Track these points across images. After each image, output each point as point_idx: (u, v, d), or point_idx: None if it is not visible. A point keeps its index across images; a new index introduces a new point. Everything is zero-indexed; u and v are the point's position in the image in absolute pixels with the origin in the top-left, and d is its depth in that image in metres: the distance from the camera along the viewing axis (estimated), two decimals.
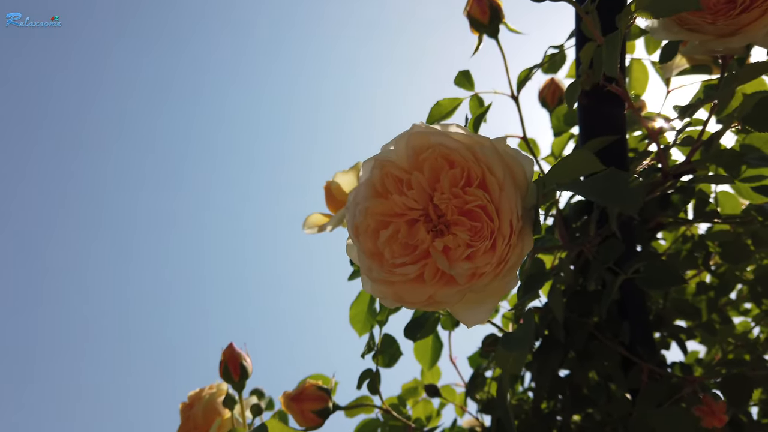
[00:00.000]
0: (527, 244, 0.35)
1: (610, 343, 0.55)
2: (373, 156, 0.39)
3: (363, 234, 0.38)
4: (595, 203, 0.49)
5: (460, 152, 0.36)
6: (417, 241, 0.37)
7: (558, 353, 0.56)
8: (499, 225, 0.34)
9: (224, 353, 0.56)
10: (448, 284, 0.36)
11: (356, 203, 0.39)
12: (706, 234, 0.63)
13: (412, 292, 0.36)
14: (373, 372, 0.59)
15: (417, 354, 0.73)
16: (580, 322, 0.55)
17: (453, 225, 0.36)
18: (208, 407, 0.66)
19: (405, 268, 0.36)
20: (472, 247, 0.35)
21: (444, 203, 0.36)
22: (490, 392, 0.71)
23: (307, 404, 0.51)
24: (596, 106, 0.52)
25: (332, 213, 0.68)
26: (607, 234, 0.51)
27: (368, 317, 0.69)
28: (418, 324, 0.57)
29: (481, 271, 0.35)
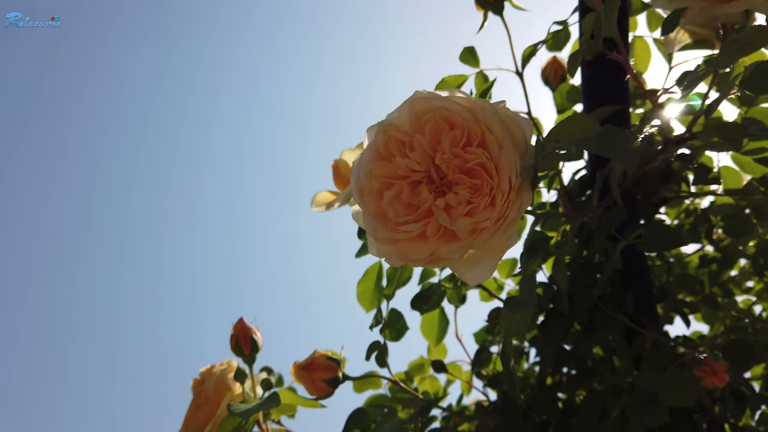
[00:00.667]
0: (526, 200, 0.36)
1: (614, 313, 0.56)
2: (377, 122, 0.40)
3: (368, 196, 0.39)
4: (598, 174, 0.50)
5: (460, 114, 0.37)
6: (419, 200, 0.38)
7: (562, 325, 0.57)
8: (499, 182, 0.35)
9: (235, 327, 0.57)
10: (450, 240, 0.37)
11: (360, 167, 0.40)
12: (709, 208, 0.64)
13: (415, 250, 0.37)
14: (381, 344, 0.60)
15: (423, 331, 0.74)
16: (583, 293, 0.56)
17: (454, 184, 0.37)
18: (219, 383, 0.67)
19: (408, 226, 0.37)
20: (473, 203, 0.36)
21: (445, 163, 0.37)
22: (495, 368, 0.72)
23: (317, 373, 0.53)
24: (598, 77, 0.53)
25: (339, 191, 0.69)
26: (609, 205, 0.51)
27: (375, 294, 0.70)
28: (424, 296, 0.58)
29: (482, 227, 0.36)
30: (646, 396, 0.47)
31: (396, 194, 0.38)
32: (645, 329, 0.53)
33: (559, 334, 0.56)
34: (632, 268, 0.58)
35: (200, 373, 0.69)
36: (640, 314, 0.57)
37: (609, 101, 0.52)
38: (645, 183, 0.61)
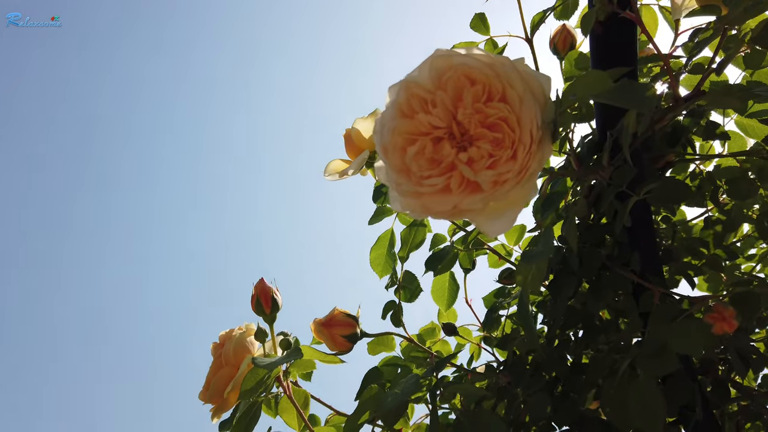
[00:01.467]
0: (546, 152, 0.38)
1: (622, 271, 0.57)
2: (398, 81, 0.42)
3: (391, 151, 0.41)
4: (609, 134, 0.51)
5: (481, 70, 0.38)
6: (442, 155, 0.39)
7: (571, 283, 0.59)
8: (520, 135, 0.37)
9: (256, 287, 0.59)
10: (473, 192, 0.38)
11: (383, 124, 0.41)
12: (714, 171, 0.66)
13: (439, 203, 0.39)
14: (396, 304, 0.62)
15: (434, 295, 0.76)
16: (592, 252, 0.58)
17: (476, 139, 0.38)
18: (239, 345, 0.69)
19: (432, 179, 0.39)
20: (494, 156, 0.37)
21: (467, 118, 0.38)
22: (504, 330, 0.74)
23: (336, 329, 0.54)
24: (608, 41, 0.54)
25: (352, 159, 0.71)
26: (619, 164, 0.53)
27: (388, 260, 0.72)
28: (438, 257, 0.60)
29: (504, 178, 0.37)
30: (656, 346, 0.49)
31: (419, 150, 0.40)
32: (653, 286, 0.55)
33: (569, 292, 0.58)
34: (639, 228, 0.60)
35: (220, 337, 0.71)
36: (647, 273, 0.59)
37: (619, 62, 0.53)
38: (651, 147, 0.63)
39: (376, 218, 0.72)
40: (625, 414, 0.53)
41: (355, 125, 0.68)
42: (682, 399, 0.63)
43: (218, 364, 0.69)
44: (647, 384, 0.49)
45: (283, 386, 0.61)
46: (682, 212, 0.76)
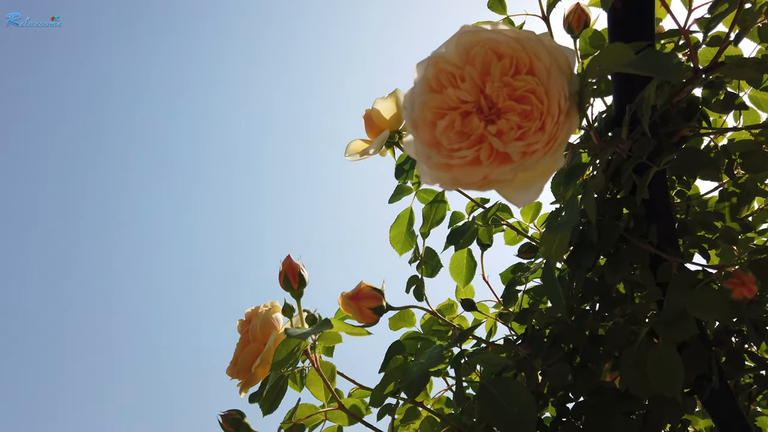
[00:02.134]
0: (573, 123, 0.39)
1: (640, 243, 0.59)
2: (426, 57, 0.43)
3: (421, 126, 0.42)
4: (627, 107, 0.53)
5: (508, 44, 0.39)
6: (471, 129, 0.41)
7: (590, 255, 0.60)
8: (549, 106, 0.38)
9: (283, 264, 0.61)
10: (503, 163, 0.40)
11: (413, 100, 0.43)
12: (728, 144, 0.67)
13: (469, 174, 0.41)
14: (419, 279, 0.64)
15: (452, 272, 0.78)
16: (611, 225, 0.59)
17: (504, 112, 0.40)
18: (265, 321, 0.71)
19: (462, 152, 0.40)
20: (523, 128, 0.39)
21: (495, 92, 0.40)
22: (522, 304, 0.76)
23: (364, 302, 0.56)
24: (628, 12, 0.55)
25: (371, 140, 0.72)
26: (637, 137, 0.54)
27: (407, 237, 0.74)
28: (460, 232, 0.61)
29: (533, 149, 0.39)
30: (675, 313, 0.50)
31: (448, 124, 0.41)
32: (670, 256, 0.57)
33: (588, 264, 0.60)
34: (656, 201, 0.61)
35: (246, 314, 0.73)
36: (665, 245, 0.61)
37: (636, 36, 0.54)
38: (666, 122, 0.64)
39: (396, 197, 0.73)
40: (643, 381, 0.55)
41: (375, 105, 0.70)
42: (697, 368, 0.65)
43: (245, 339, 0.71)
44: (666, 350, 0.51)
45: (310, 359, 0.63)
46: (695, 187, 0.77)
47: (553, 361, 0.63)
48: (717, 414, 0.70)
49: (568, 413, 0.74)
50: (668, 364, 0.50)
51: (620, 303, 0.67)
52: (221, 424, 0.63)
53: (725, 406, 0.69)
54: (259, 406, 0.65)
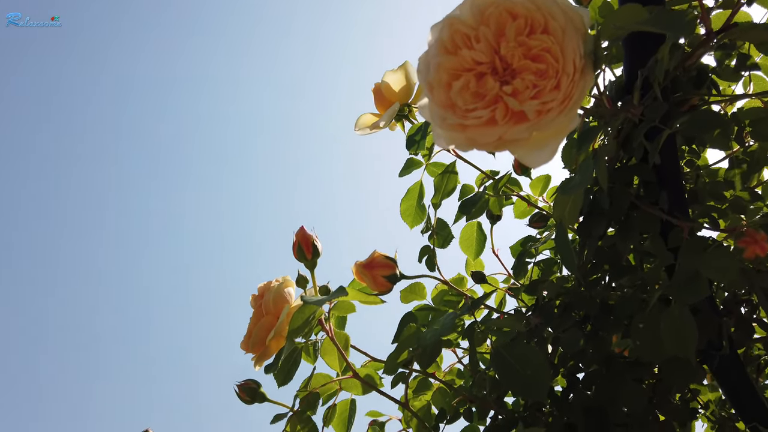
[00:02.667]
0: (588, 81, 0.39)
1: (651, 209, 0.59)
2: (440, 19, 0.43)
3: (436, 87, 0.42)
4: (639, 72, 0.53)
5: (522, 4, 0.40)
6: (486, 89, 0.41)
7: (601, 223, 0.61)
8: (564, 64, 0.38)
9: (297, 234, 0.61)
10: (518, 122, 0.40)
11: (427, 62, 0.43)
12: (738, 112, 0.67)
13: (484, 134, 0.41)
14: (431, 249, 0.64)
15: (462, 245, 0.78)
16: (622, 192, 0.59)
17: (519, 72, 0.40)
18: (278, 295, 0.72)
19: (477, 112, 0.40)
20: (538, 87, 0.39)
21: (510, 52, 0.40)
22: (532, 276, 0.77)
23: (377, 270, 0.57)
24: None
25: (381, 113, 0.73)
26: (649, 103, 0.54)
27: (417, 211, 0.75)
28: (471, 202, 0.62)
29: (548, 107, 0.39)
30: (687, 275, 0.51)
31: (464, 85, 0.41)
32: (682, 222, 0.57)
33: (599, 231, 0.60)
34: (667, 168, 0.62)
35: (258, 289, 0.74)
36: (675, 212, 0.61)
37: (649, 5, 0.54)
38: (676, 90, 0.64)
39: (406, 170, 0.74)
40: (656, 345, 0.56)
41: (384, 78, 0.70)
42: (708, 335, 0.65)
43: (259, 313, 0.72)
44: (680, 312, 0.51)
45: (324, 329, 0.64)
46: (704, 158, 0.78)
47: (565, 328, 0.63)
48: (726, 383, 0.71)
49: (578, 383, 0.75)
50: (682, 326, 0.50)
51: (630, 272, 0.67)
52: (238, 393, 0.64)
53: (735, 374, 0.69)
54: (274, 377, 0.66)
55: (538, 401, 0.76)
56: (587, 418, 0.67)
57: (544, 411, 0.73)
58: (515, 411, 0.78)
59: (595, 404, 0.68)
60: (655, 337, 0.55)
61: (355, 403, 0.76)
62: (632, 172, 0.61)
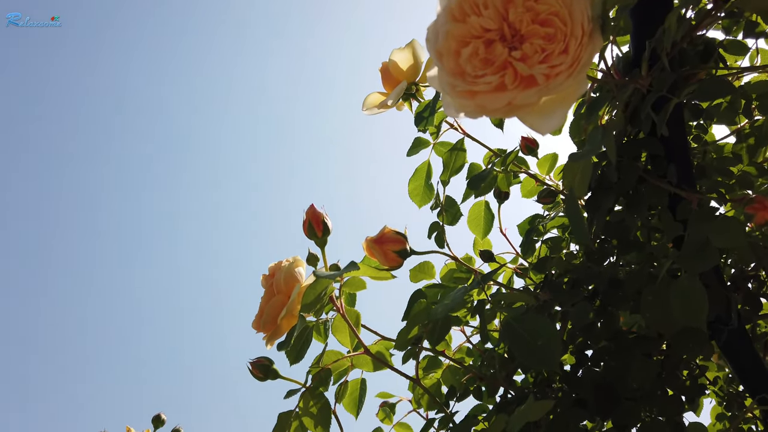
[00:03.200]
0: (597, 45, 0.40)
1: (659, 182, 0.60)
2: None
3: (446, 55, 0.43)
4: (647, 43, 0.53)
5: None
6: (495, 56, 0.41)
7: (610, 197, 0.61)
8: (572, 28, 0.39)
9: (307, 212, 0.62)
10: (528, 87, 0.40)
11: (436, 30, 0.43)
12: (745, 86, 0.67)
13: (494, 100, 0.41)
14: (440, 225, 0.65)
15: (470, 224, 0.79)
16: (630, 165, 0.60)
17: (527, 38, 0.40)
18: (288, 274, 0.72)
19: (487, 77, 0.41)
20: (547, 51, 0.39)
21: (518, 17, 0.40)
22: (540, 254, 0.77)
23: (388, 245, 0.57)
24: None
25: (389, 92, 0.73)
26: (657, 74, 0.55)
27: (426, 190, 0.75)
28: (481, 177, 0.62)
29: (557, 71, 0.39)
30: (697, 244, 0.51)
31: (473, 52, 0.42)
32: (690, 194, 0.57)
33: (608, 205, 0.60)
34: (674, 142, 0.62)
35: (269, 269, 0.75)
36: (683, 185, 0.61)
37: None
38: (683, 64, 0.64)
39: (414, 150, 0.74)
40: (667, 315, 0.56)
41: (392, 57, 0.70)
42: (716, 309, 0.66)
43: (270, 293, 0.73)
44: (689, 281, 0.51)
45: (336, 306, 0.64)
46: (711, 134, 0.78)
47: (574, 302, 0.64)
48: (734, 357, 0.71)
49: (587, 360, 0.75)
50: (692, 295, 0.51)
51: (638, 247, 0.67)
52: (251, 370, 0.64)
53: (742, 349, 0.69)
54: (286, 355, 0.67)
55: (548, 377, 0.76)
56: (597, 393, 0.68)
57: (554, 387, 0.74)
58: (524, 388, 0.79)
59: (604, 380, 0.69)
60: (665, 309, 0.55)
61: (366, 383, 0.77)
62: (640, 145, 0.61)
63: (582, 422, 0.69)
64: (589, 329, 0.71)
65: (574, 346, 0.76)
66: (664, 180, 0.61)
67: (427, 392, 0.65)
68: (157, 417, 1.07)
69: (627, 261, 0.72)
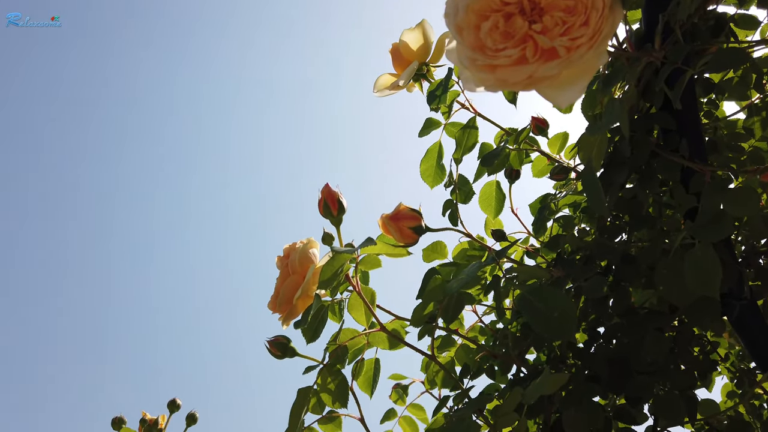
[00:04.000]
0: (617, 17, 0.40)
1: (672, 156, 0.60)
2: None
3: (466, 29, 0.43)
4: (660, 16, 0.53)
5: None
6: (515, 29, 0.42)
7: (623, 172, 0.61)
8: (593, 0, 0.39)
9: (322, 191, 0.62)
10: (549, 59, 0.41)
11: (456, 5, 0.44)
12: (758, 59, 0.67)
13: (515, 73, 0.42)
14: (454, 203, 0.65)
15: (482, 204, 0.79)
16: (643, 140, 0.60)
17: (546, 11, 0.41)
18: (303, 255, 0.73)
19: (507, 51, 0.41)
20: (567, 23, 0.40)
21: None
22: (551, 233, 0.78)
23: (404, 222, 0.58)
24: None
25: (399, 73, 0.73)
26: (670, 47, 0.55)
27: (437, 171, 0.75)
28: (494, 154, 0.63)
29: (578, 43, 0.40)
30: (711, 214, 0.52)
31: (492, 25, 0.42)
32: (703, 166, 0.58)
33: (621, 179, 0.61)
34: (686, 116, 0.62)
35: (284, 250, 0.76)
36: (696, 158, 0.62)
37: None
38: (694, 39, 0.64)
39: (425, 131, 0.75)
40: (681, 287, 0.57)
41: (402, 37, 0.70)
42: (728, 283, 0.66)
43: (285, 273, 0.74)
44: (703, 250, 0.52)
45: (351, 283, 0.65)
46: (722, 111, 0.78)
47: (587, 277, 0.64)
48: (746, 332, 0.72)
49: (599, 337, 0.76)
50: (706, 264, 0.51)
51: (650, 222, 0.68)
52: (269, 348, 0.65)
53: (754, 324, 0.70)
54: (303, 334, 0.68)
55: (561, 355, 0.77)
56: (610, 367, 0.69)
57: (567, 363, 0.75)
58: (537, 365, 0.80)
59: (617, 355, 0.70)
60: (680, 279, 0.56)
61: (379, 363, 0.78)
62: (653, 120, 0.61)
63: (594, 397, 0.70)
64: (602, 305, 0.71)
65: (586, 324, 0.77)
66: (677, 154, 0.61)
67: (443, 368, 0.66)
68: (172, 402, 1.08)
69: (638, 238, 0.73)
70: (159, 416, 1.11)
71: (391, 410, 0.95)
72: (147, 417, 1.10)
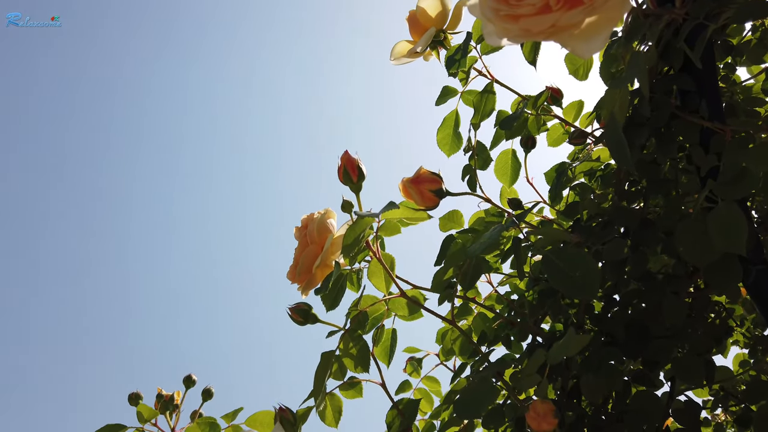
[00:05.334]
0: None
1: (691, 117, 0.60)
2: None
3: None
4: None
5: None
6: None
7: (643, 133, 0.61)
8: None
9: (342, 158, 0.63)
10: (572, 7, 0.41)
11: None
12: None
13: (538, 22, 0.42)
14: (472, 169, 0.66)
15: (498, 173, 0.79)
16: (663, 100, 0.60)
17: None
18: (321, 225, 0.73)
19: None
20: None
21: None
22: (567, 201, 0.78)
23: (424, 185, 0.58)
24: None
25: (416, 41, 0.73)
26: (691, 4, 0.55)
27: (454, 139, 0.76)
28: (513, 117, 0.63)
29: None
30: (734, 172, 0.52)
31: None
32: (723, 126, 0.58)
33: (641, 140, 0.61)
34: (705, 78, 0.62)
35: (302, 220, 0.76)
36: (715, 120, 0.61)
37: None
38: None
39: (442, 99, 0.75)
40: (703, 245, 0.56)
41: (419, 4, 0.70)
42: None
43: (304, 243, 0.74)
44: (727, 208, 0.52)
45: (372, 250, 0.66)
46: (737, 77, 0.77)
47: (606, 240, 0.64)
48: (761, 298, 0.72)
49: (616, 304, 0.76)
50: (731, 220, 0.51)
51: (668, 186, 0.68)
52: (291, 315, 0.66)
53: None
54: (323, 300, 0.69)
55: (578, 322, 0.78)
56: (628, 331, 0.69)
57: (585, 329, 0.75)
58: (553, 332, 0.80)
59: (634, 320, 0.70)
60: (702, 238, 0.56)
61: (396, 333, 0.79)
62: (672, 81, 0.61)
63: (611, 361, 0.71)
64: (619, 271, 0.72)
65: (602, 291, 0.77)
66: (697, 115, 0.61)
67: (463, 333, 0.66)
68: (188, 377, 1.09)
69: (655, 204, 0.73)
70: (174, 392, 1.13)
71: (406, 382, 0.95)
72: (163, 393, 1.11)
